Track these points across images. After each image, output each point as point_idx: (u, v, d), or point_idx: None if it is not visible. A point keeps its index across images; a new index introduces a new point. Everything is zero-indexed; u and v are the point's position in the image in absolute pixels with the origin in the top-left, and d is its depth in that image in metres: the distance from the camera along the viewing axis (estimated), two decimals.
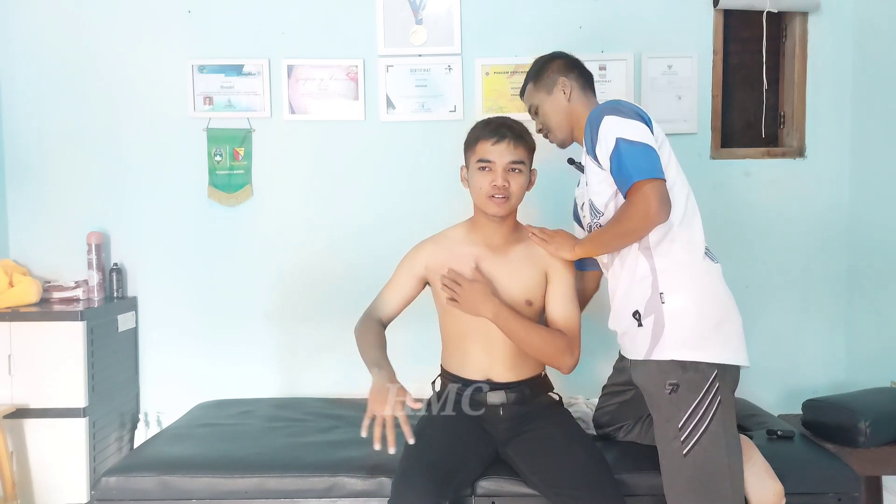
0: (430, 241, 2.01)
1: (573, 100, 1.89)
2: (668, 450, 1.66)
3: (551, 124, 1.92)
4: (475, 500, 1.83)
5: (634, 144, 1.63)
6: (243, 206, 2.83)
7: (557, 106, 1.90)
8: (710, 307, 1.68)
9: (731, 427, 1.65)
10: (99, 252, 2.77)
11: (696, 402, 1.62)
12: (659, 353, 1.68)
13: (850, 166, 2.77)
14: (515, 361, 1.92)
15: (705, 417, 1.62)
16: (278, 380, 2.85)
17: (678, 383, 1.64)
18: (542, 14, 2.75)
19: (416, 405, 1.69)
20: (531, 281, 1.92)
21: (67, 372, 2.49)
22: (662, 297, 1.68)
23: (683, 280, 1.69)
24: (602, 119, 1.68)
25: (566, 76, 1.90)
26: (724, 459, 1.63)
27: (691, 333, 1.66)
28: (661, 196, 1.60)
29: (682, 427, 1.63)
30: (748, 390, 2.67)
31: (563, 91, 1.89)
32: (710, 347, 1.65)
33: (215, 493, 1.88)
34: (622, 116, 1.67)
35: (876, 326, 2.63)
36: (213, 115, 2.81)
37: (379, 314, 1.97)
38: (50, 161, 2.83)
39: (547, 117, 1.92)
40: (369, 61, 2.78)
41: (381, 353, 1.85)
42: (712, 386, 1.63)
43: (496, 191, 1.84)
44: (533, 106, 1.96)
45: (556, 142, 1.96)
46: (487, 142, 1.85)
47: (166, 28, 2.79)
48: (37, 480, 2.51)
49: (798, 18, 2.78)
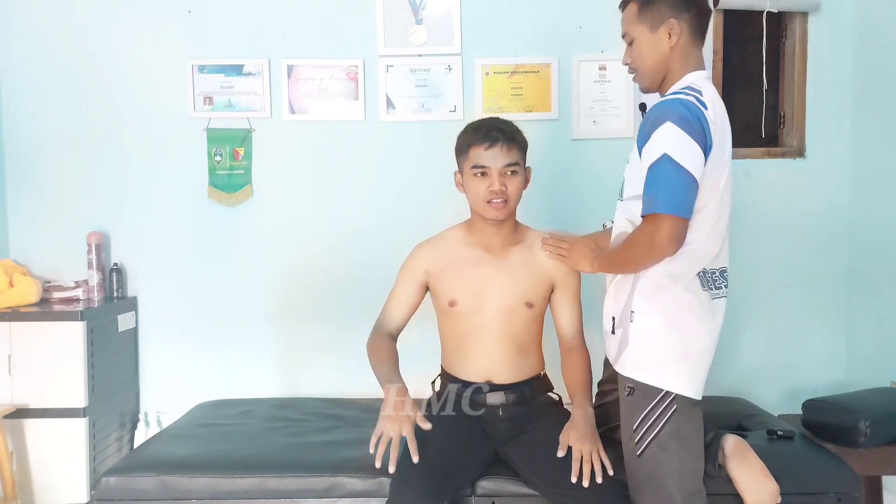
0: (427, 244, 2.00)
1: (677, 48, 1.63)
2: (626, 447, 1.68)
3: (644, 67, 1.67)
4: (475, 500, 1.83)
5: (678, 170, 1.49)
6: (243, 206, 2.83)
7: (657, 49, 1.64)
8: (677, 337, 1.60)
9: (687, 432, 1.61)
10: (99, 252, 2.77)
11: (648, 408, 1.61)
12: (620, 366, 1.67)
13: (850, 166, 2.77)
14: (515, 362, 1.92)
15: (657, 424, 1.60)
16: (278, 380, 2.85)
17: (634, 388, 1.64)
18: (542, 14, 2.75)
19: (426, 426, 1.69)
20: (531, 284, 1.91)
21: (67, 372, 2.49)
22: (633, 315, 1.63)
23: (660, 305, 1.60)
24: (664, 122, 1.52)
25: (679, 17, 1.61)
26: (675, 465, 1.60)
27: (649, 360, 1.62)
28: (675, 234, 1.51)
29: (636, 429, 1.62)
30: (748, 390, 2.67)
31: (670, 34, 1.62)
32: (665, 376, 1.60)
33: (215, 493, 1.88)
34: (683, 130, 1.50)
35: (876, 326, 2.63)
36: (213, 115, 2.81)
37: (388, 327, 1.96)
38: (50, 161, 2.83)
39: (641, 57, 1.67)
40: (369, 61, 2.78)
41: (393, 369, 1.84)
42: (666, 397, 1.60)
43: (494, 195, 1.83)
44: (629, 34, 1.69)
45: (641, 86, 1.73)
46: (480, 147, 1.83)
47: (166, 28, 2.79)
48: (37, 480, 2.51)
49: (798, 18, 2.78)
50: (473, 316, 1.91)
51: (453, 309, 1.91)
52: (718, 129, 1.57)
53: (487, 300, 1.90)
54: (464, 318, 1.91)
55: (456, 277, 1.91)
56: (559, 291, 1.94)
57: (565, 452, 1.69)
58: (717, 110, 1.58)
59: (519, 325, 1.91)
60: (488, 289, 1.90)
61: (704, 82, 1.62)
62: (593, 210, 2.39)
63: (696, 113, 1.52)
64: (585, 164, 2.74)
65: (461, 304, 1.91)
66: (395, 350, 1.92)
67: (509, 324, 1.90)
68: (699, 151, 1.52)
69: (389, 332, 1.95)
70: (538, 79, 2.77)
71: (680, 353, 1.60)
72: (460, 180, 1.93)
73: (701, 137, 1.52)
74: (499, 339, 1.90)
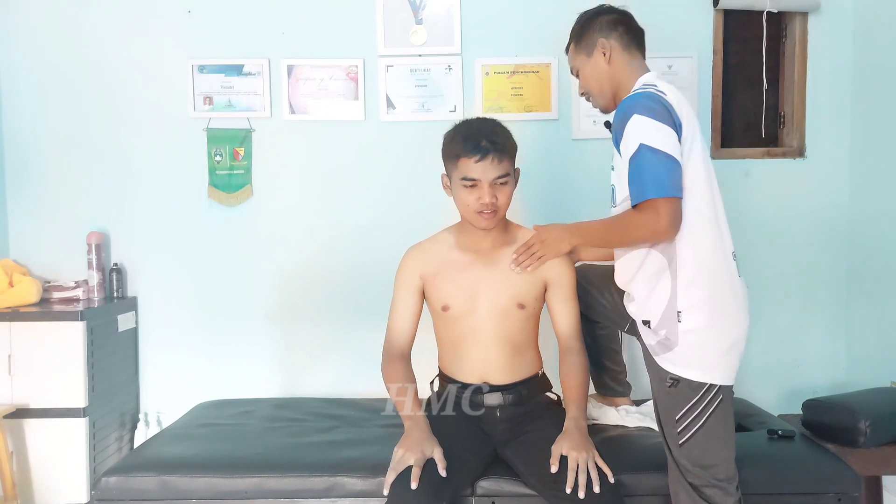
0: (417, 249, 1.98)
1: (614, 63, 1.75)
2: (668, 434, 1.69)
3: (592, 90, 1.81)
4: (475, 500, 1.83)
5: (658, 154, 1.54)
6: (243, 206, 2.83)
7: (597, 70, 1.78)
8: (724, 332, 1.64)
9: (730, 418, 1.67)
10: (99, 252, 2.77)
11: (694, 400, 1.63)
12: (663, 362, 1.67)
13: (850, 166, 2.77)
14: (510, 363, 1.92)
15: (704, 414, 1.63)
16: (278, 380, 2.85)
17: (679, 381, 1.65)
18: (542, 14, 2.75)
19: (442, 467, 1.65)
20: (523, 285, 1.89)
21: (67, 372, 2.49)
22: (680, 315, 1.62)
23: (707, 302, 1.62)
24: (631, 116, 1.58)
25: (608, 37, 1.75)
26: (723, 451, 1.65)
27: (698, 358, 1.63)
28: (673, 216, 1.55)
29: (680, 419, 1.64)
30: (748, 390, 2.67)
31: (604, 53, 1.76)
32: (713, 371, 1.63)
33: (215, 493, 1.88)
34: (652, 118, 1.56)
35: (876, 326, 2.63)
36: (213, 115, 2.81)
37: (399, 346, 1.93)
38: (50, 161, 2.83)
39: (587, 82, 1.81)
40: (369, 61, 2.78)
41: (412, 401, 1.81)
42: (711, 389, 1.63)
43: (484, 207, 1.81)
44: (574, 68, 1.85)
45: (599, 107, 1.85)
46: (470, 159, 1.79)
47: (166, 28, 2.79)
48: (37, 480, 2.51)
49: (798, 18, 2.78)
50: (467, 319, 1.90)
51: (447, 313, 1.91)
52: (682, 107, 1.63)
53: (479, 303, 1.89)
54: (457, 321, 1.90)
55: (448, 282, 1.90)
56: (553, 290, 1.92)
57: (558, 466, 1.66)
58: (675, 93, 1.66)
59: (513, 327, 1.91)
60: (480, 292, 1.89)
61: (656, 80, 1.70)
62: (593, 210, 2.37)
63: (657, 98, 1.60)
64: (585, 164, 2.74)
65: (454, 308, 1.90)
66: (411, 374, 1.90)
67: (503, 325, 1.90)
68: (671, 132, 1.57)
69: (402, 353, 1.92)
70: (538, 79, 2.77)
71: (728, 348, 1.64)
72: (448, 184, 1.90)
73: (668, 119, 1.57)
74: (493, 342, 1.89)
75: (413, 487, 1.58)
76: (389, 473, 1.65)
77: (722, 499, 1.63)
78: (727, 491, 1.64)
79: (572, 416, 1.80)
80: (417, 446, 1.67)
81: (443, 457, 1.66)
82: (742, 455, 1.86)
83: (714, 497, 1.64)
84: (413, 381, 1.89)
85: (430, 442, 1.69)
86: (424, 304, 1.98)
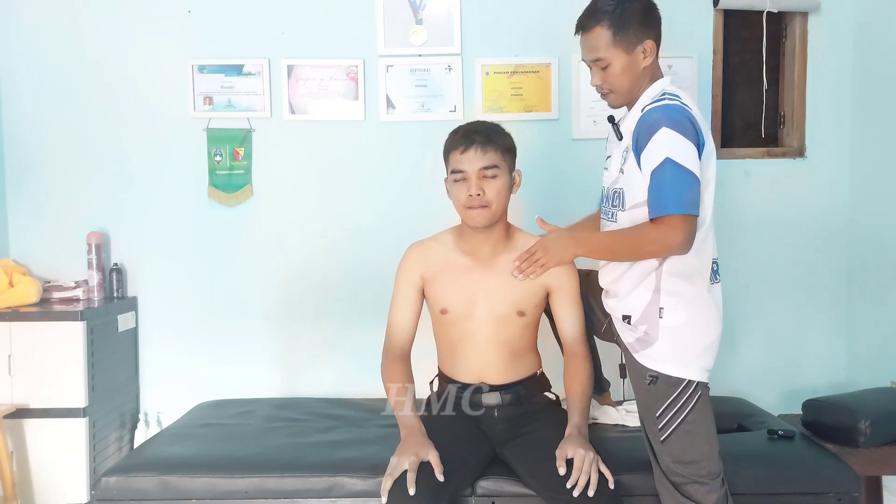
0: (419, 246, 1.97)
1: (648, 65, 1.68)
2: (649, 431, 1.71)
3: (622, 87, 1.69)
4: (475, 500, 1.83)
5: (682, 171, 1.54)
6: (243, 206, 2.83)
7: (631, 69, 1.67)
8: (704, 330, 1.68)
9: (709, 415, 1.68)
10: (99, 252, 2.77)
11: (673, 396, 1.65)
12: (642, 359, 1.70)
13: (850, 166, 2.77)
14: (508, 366, 1.91)
15: (683, 410, 1.65)
16: (278, 380, 2.85)
17: (658, 378, 1.67)
18: (542, 14, 2.75)
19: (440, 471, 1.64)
20: (523, 292, 1.88)
21: (67, 372, 2.49)
22: (662, 311, 1.67)
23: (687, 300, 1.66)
24: (660, 128, 1.56)
25: (656, 39, 1.67)
26: (705, 446, 1.66)
27: (677, 354, 1.66)
28: (689, 233, 1.57)
29: (660, 416, 1.66)
30: (748, 390, 2.67)
31: (644, 54, 1.67)
32: (691, 367, 1.66)
33: (215, 493, 1.88)
34: (679, 133, 1.55)
35: (876, 326, 2.63)
36: (213, 115, 2.81)
37: (399, 346, 1.92)
38: (50, 161, 2.83)
39: (615, 78, 1.68)
40: (369, 61, 2.78)
41: (409, 405, 1.81)
42: (690, 385, 1.66)
43: (472, 200, 1.80)
44: (604, 59, 1.67)
45: (615, 104, 1.75)
46: (457, 151, 1.81)
47: (166, 28, 2.79)
48: (37, 480, 2.51)
49: (798, 18, 2.78)
50: (465, 323, 1.89)
51: (445, 316, 1.91)
52: (703, 123, 1.64)
53: (478, 309, 1.88)
54: (455, 325, 1.90)
55: (447, 285, 1.90)
56: (556, 295, 1.90)
57: (565, 468, 1.65)
58: (697, 108, 1.66)
59: (511, 333, 1.90)
60: (479, 297, 1.88)
61: (677, 90, 1.69)
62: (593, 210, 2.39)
63: (686, 114, 1.59)
64: (585, 164, 2.73)
65: (452, 312, 1.90)
66: (409, 374, 1.90)
67: (501, 331, 1.89)
68: (694, 150, 1.58)
69: (402, 352, 1.92)
70: (538, 79, 2.77)
71: (706, 345, 1.68)
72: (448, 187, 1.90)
73: (694, 137, 1.58)
74: (491, 346, 1.89)
75: (411, 493, 1.57)
76: (386, 480, 1.64)
77: (703, 495, 1.64)
78: (710, 487, 1.65)
79: (575, 423, 1.79)
80: (412, 452, 1.66)
81: (439, 461, 1.66)
82: (742, 455, 1.86)
83: (695, 494, 1.65)
84: (411, 381, 1.89)
85: (425, 447, 1.69)
86: (425, 304, 1.98)
